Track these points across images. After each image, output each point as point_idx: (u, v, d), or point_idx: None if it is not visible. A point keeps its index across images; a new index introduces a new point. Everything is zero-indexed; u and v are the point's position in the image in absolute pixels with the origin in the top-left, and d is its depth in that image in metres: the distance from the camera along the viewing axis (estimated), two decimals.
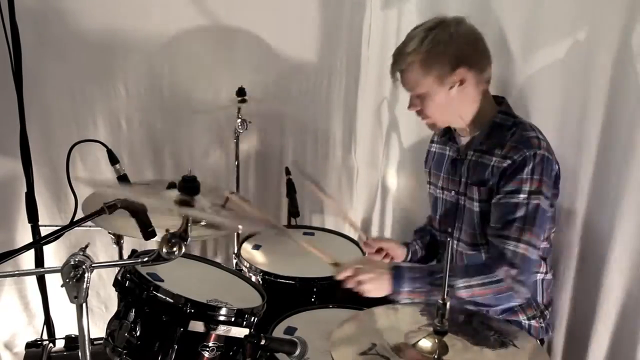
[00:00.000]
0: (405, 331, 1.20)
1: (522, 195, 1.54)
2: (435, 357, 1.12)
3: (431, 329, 1.15)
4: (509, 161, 1.56)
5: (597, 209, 1.69)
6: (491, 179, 1.60)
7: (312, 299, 1.86)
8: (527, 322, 1.70)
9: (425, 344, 1.15)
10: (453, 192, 1.74)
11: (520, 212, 1.53)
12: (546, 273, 1.71)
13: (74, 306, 1.11)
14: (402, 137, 2.48)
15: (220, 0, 2.34)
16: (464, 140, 1.73)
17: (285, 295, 1.82)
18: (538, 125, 1.65)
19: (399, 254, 1.90)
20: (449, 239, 1.24)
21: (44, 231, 2.06)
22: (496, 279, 1.52)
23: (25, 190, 2.03)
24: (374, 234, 2.72)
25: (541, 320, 1.73)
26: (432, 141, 1.92)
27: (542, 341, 1.77)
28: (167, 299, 1.34)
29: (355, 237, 2.20)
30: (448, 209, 1.77)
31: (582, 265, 1.78)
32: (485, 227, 1.64)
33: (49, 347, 1.83)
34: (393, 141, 2.54)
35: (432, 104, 1.65)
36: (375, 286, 1.56)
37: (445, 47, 1.59)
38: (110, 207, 1.21)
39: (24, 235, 2.21)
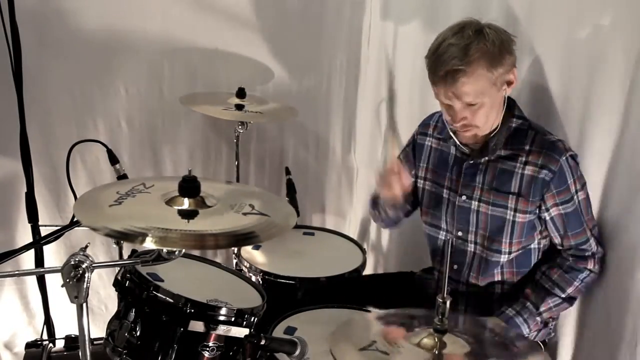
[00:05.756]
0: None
1: (575, 198, 1.59)
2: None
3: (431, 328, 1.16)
4: (547, 172, 1.56)
5: (608, 210, 1.69)
6: (523, 188, 1.60)
7: (312, 299, 1.86)
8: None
9: (425, 343, 1.15)
10: (465, 196, 1.70)
11: (582, 213, 1.61)
12: None
13: (74, 306, 1.12)
14: (402, 137, 2.48)
15: (220, 0, 2.34)
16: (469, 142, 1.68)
17: (285, 295, 1.82)
18: (549, 125, 1.65)
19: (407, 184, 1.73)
20: (449, 239, 1.24)
21: (44, 231, 2.06)
22: (585, 274, 1.63)
23: (25, 190, 2.03)
24: (373, 233, 2.72)
25: (552, 320, 1.74)
26: (423, 133, 1.85)
27: (544, 343, 1.77)
28: (167, 299, 1.34)
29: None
30: (459, 213, 1.72)
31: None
32: (513, 235, 1.64)
33: (49, 347, 1.83)
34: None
35: (484, 112, 1.55)
36: None
37: (510, 44, 1.52)
38: None
39: (24, 235, 2.21)
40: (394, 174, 1.69)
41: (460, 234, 1.73)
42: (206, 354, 1.35)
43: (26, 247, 1.30)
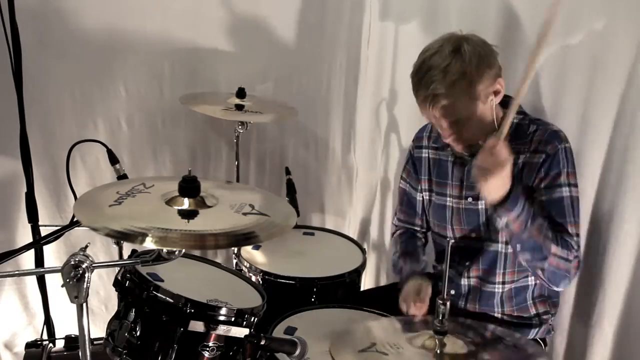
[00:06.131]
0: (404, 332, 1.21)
1: (564, 189, 1.55)
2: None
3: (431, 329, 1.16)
4: (541, 155, 1.55)
5: (603, 205, 1.69)
6: (525, 174, 1.58)
7: (312, 299, 1.86)
8: (537, 319, 1.72)
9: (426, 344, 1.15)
10: (470, 198, 1.69)
11: (568, 207, 1.55)
12: None
13: (74, 306, 1.12)
14: (401, 138, 2.48)
15: (220, 1, 2.34)
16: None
17: (285, 295, 1.82)
18: (550, 117, 1.64)
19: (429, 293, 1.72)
20: (448, 239, 1.23)
21: (44, 231, 2.05)
22: (566, 256, 1.52)
23: (25, 190, 2.03)
24: (373, 233, 2.72)
25: (551, 317, 1.74)
26: (419, 147, 1.85)
27: (544, 341, 1.77)
28: (167, 299, 1.34)
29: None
30: (468, 215, 1.71)
31: (586, 263, 1.78)
32: None
33: (49, 347, 1.83)
34: (392, 141, 2.54)
35: (472, 125, 1.55)
36: (496, 185, 1.44)
37: (489, 58, 1.52)
38: None
39: (24, 235, 2.21)
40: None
41: (473, 235, 1.72)
42: (206, 354, 1.35)
43: (26, 247, 1.30)
